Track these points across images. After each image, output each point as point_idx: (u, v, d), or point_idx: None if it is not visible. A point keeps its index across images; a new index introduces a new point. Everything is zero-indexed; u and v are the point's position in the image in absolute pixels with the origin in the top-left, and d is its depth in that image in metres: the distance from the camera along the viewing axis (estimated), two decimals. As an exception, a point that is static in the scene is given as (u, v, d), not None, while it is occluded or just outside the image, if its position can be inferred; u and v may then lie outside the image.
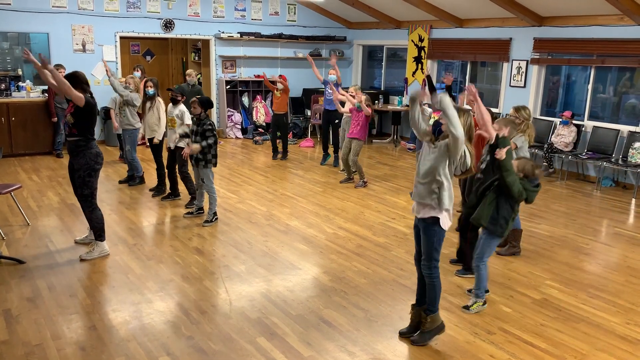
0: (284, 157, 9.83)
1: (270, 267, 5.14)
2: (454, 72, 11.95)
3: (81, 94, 4.82)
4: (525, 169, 4.23)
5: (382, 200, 7.43)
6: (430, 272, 3.78)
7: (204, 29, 11.51)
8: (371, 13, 11.66)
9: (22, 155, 9.58)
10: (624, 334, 4.07)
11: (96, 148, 5.07)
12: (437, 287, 3.81)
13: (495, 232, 4.23)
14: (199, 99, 6.13)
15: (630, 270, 5.28)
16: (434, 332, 3.86)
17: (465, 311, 4.32)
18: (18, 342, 3.76)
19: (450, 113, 3.42)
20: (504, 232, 4.24)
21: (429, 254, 3.76)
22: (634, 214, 7.23)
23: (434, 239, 3.72)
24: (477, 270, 4.36)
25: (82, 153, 4.98)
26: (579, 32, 8.87)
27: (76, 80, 4.89)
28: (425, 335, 3.84)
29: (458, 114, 3.53)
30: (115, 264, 5.11)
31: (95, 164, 5.03)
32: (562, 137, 8.83)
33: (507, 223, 4.21)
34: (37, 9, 9.78)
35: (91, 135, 5.03)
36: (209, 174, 6.22)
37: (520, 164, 4.26)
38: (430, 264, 3.77)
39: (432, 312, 3.84)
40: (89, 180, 5.04)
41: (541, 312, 4.37)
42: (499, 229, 4.20)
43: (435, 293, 3.82)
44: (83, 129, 4.96)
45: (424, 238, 3.76)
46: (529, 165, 4.25)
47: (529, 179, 4.22)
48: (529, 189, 4.17)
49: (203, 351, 3.70)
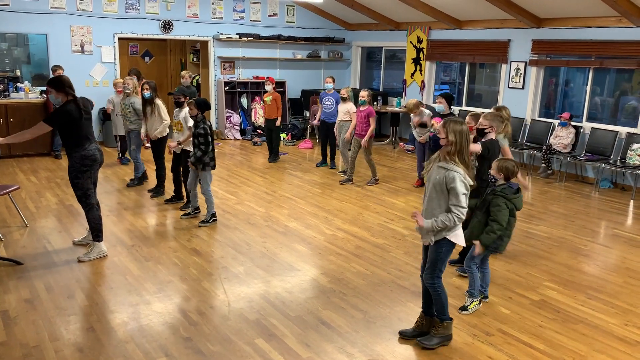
0: (273, 160, 9.78)
1: (268, 268, 5.13)
2: (453, 73, 11.97)
3: (41, 127, 4.84)
4: (507, 170, 4.23)
5: (380, 202, 7.43)
6: (433, 282, 3.74)
7: (202, 30, 11.51)
8: (370, 14, 11.67)
9: (20, 156, 9.57)
10: (623, 335, 4.07)
11: (83, 151, 5.00)
12: (442, 296, 3.78)
13: (492, 250, 4.29)
14: (196, 101, 6.13)
15: (629, 272, 5.28)
16: (443, 339, 3.83)
17: (463, 312, 4.32)
18: (16, 343, 3.75)
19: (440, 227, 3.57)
20: (497, 247, 4.28)
21: (434, 263, 3.71)
22: (632, 215, 7.24)
23: (442, 249, 3.68)
24: (470, 270, 4.37)
25: (70, 155, 5.03)
26: (577, 34, 8.88)
27: (59, 84, 4.91)
28: (433, 339, 3.82)
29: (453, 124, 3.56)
30: (113, 265, 5.11)
31: (81, 166, 5.02)
32: (561, 138, 8.84)
33: (501, 239, 4.24)
34: (35, 9, 9.77)
35: (74, 142, 4.98)
36: (206, 177, 6.21)
37: (500, 165, 4.26)
38: (433, 273, 3.72)
39: (444, 319, 3.82)
40: (77, 182, 5.06)
41: (540, 313, 4.37)
42: (493, 245, 4.24)
43: (442, 302, 3.79)
44: (63, 138, 5.01)
45: (432, 247, 3.71)
46: (510, 164, 4.25)
47: (509, 182, 4.23)
48: (511, 198, 4.18)
49: (201, 352, 3.69)
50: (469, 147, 3.62)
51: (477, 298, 4.39)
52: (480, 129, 4.93)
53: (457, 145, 3.52)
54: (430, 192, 3.65)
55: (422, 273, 3.92)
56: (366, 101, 8.03)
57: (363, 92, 8.07)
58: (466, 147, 3.56)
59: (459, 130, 3.53)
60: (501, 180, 4.26)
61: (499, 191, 4.21)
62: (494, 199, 4.21)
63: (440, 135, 3.59)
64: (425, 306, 3.95)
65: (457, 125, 3.55)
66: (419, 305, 4.43)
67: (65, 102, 4.89)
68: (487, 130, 4.91)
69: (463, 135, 3.53)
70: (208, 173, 6.22)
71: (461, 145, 3.53)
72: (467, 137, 3.58)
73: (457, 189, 3.49)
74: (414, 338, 3.91)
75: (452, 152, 3.54)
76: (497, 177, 4.28)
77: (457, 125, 3.54)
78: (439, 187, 3.56)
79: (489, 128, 4.90)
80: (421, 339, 3.85)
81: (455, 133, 3.52)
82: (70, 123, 4.90)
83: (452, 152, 3.54)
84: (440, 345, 3.81)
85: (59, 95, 4.91)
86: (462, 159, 3.55)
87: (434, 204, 3.61)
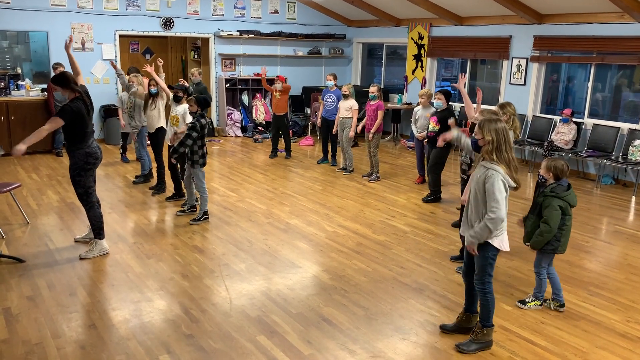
0: (288, 156, 9.87)
1: (270, 265, 5.13)
2: (454, 70, 11.94)
3: (56, 121, 4.79)
4: (556, 169, 4.16)
5: (381, 199, 7.42)
6: (484, 287, 3.72)
7: (203, 27, 11.50)
8: (371, 11, 11.65)
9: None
10: (624, 332, 4.07)
11: (87, 148, 5.02)
12: (490, 302, 3.75)
13: (547, 251, 4.25)
14: (197, 98, 6.13)
15: (631, 268, 5.28)
16: (483, 346, 3.78)
17: (520, 305, 4.36)
18: (18, 340, 3.76)
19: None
20: (556, 248, 4.22)
21: (482, 269, 3.69)
22: (634, 211, 7.23)
23: (488, 254, 3.65)
24: (538, 275, 4.38)
25: (72, 153, 5.02)
26: (579, 30, 8.85)
27: (65, 81, 4.90)
28: (473, 345, 3.77)
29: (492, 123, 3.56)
30: (115, 263, 5.11)
31: (84, 164, 5.02)
32: (562, 134, 8.83)
33: (558, 240, 4.19)
34: (36, 7, 9.77)
35: (79, 138, 4.99)
36: (198, 173, 6.20)
37: (549, 164, 4.18)
38: (483, 279, 3.71)
39: (487, 326, 3.79)
40: (79, 180, 5.05)
41: (541, 309, 4.37)
42: (549, 247, 4.21)
43: (489, 307, 3.76)
44: (68, 135, 5.00)
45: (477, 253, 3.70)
46: (559, 163, 4.18)
47: (559, 181, 4.16)
48: (563, 196, 4.11)
49: (203, 349, 3.70)
50: (507, 143, 3.57)
51: (541, 300, 4.38)
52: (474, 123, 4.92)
53: (495, 142, 3.52)
54: (473, 190, 3.65)
55: (463, 274, 3.93)
56: (376, 96, 8.12)
57: (372, 87, 8.18)
58: (504, 144, 3.54)
59: (494, 128, 3.53)
60: (551, 179, 4.19)
61: (549, 192, 4.14)
62: (545, 199, 4.14)
63: (478, 137, 3.59)
64: (467, 303, 3.96)
65: (493, 123, 3.55)
66: (420, 301, 4.45)
67: (73, 99, 4.90)
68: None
69: (499, 133, 3.53)
70: (199, 170, 6.19)
71: (499, 142, 3.52)
72: (505, 134, 3.55)
73: (493, 188, 3.47)
74: (454, 332, 3.94)
75: (490, 151, 3.53)
76: (547, 177, 4.21)
77: (493, 124, 3.55)
78: (480, 185, 3.57)
79: None
80: (460, 344, 3.80)
81: (491, 131, 3.53)
82: (78, 120, 4.91)
83: (490, 150, 3.53)
84: (478, 351, 3.75)
85: (66, 92, 4.92)
86: (501, 156, 3.53)
87: (479, 201, 3.61)
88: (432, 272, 5.05)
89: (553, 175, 4.19)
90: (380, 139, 8.35)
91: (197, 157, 6.11)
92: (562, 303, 4.37)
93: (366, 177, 8.48)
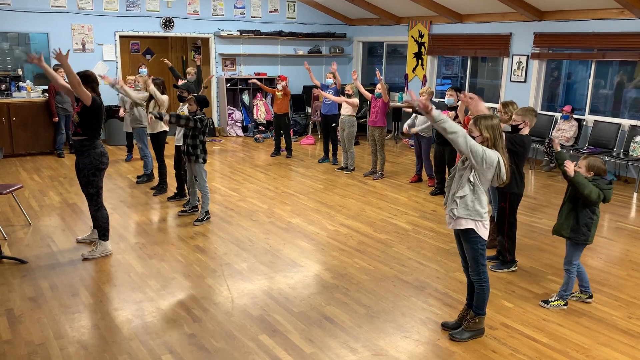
0: (289, 155, 9.89)
1: (272, 264, 5.14)
2: (454, 67, 11.93)
3: (89, 93, 4.85)
4: (597, 168, 4.17)
5: (383, 197, 7.42)
6: (480, 277, 3.77)
7: (203, 27, 11.51)
8: (371, 9, 11.65)
9: (23, 155, 9.59)
10: (626, 328, 4.07)
11: (101, 148, 5.09)
12: (486, 291, 3.81)
13: (579, 241, 4.25)
14: (196, 97, 6.14)
15: (632, 265, 5.28)
16: (475, 333, 3.85)
17: (543, 304, 4.36)
18: (21, 341, 3.77)
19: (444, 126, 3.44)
20: (587, 238, 4.23)
21: (475, 260, 3.75)
22: (635, 208, 7.22)
23: (477, 246, 3.70)
24: (568, 273, 4.37)
25: (87, 152, 5.00)
26: (579, 27, 8.84)
27: (87, 79, 4.94)
28: (465, 333, 3.84)
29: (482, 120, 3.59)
30: (117, 263, 5.12)
31: (99, 164, 5.04)
32: (563, 131, 8.82)
33: (589, 229, 4.20)
34: (36, 8, 9.78)
35: (96, 135, 5.05)
36: (201, 171, 6.20)
37: (590, 164, 4.19)
38: (478, 269, 3.76)
39: (480, 314, 3.85)
40: (93, 180, 5.06)
41: (543, 306, 4.37)
42: (581, 236, 4.21)
43: (484, 297, 3.82)
44: (88, 129, 4.98)
45: (466, 246, 3.76)
46: (599, 162, 4.19)
47: (601, 177, 4.17)
48: (604, 188, 4.12)
49: (205, 349, 3.71)
50: (502, 140, 3.64)
51: (565, 300, 4.38)
52: (513, 125, 4.87)
53: (492, 139, 3.59)
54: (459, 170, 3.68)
55: (463, 268, 3.96)
56: (382, 93, 8.14)
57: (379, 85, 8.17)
58: (500, 140, 3.62)
59: (490, 125, 3.59)
60: (591, 177, 4.20)
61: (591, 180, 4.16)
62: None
63: (474, 134, 3.61)
64: (470, 299, 3.98)
65: (489, 120, 3.61)
66: (421, 299, 4.45)
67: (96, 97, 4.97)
68: (520, 126, 4.83)
69: (495, 129, 3.60)
70: (202, 167, 6.18)
71: (495, 139, 3.59)
72: (500, 131, 3.62)
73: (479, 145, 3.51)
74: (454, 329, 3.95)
75: (489, 148, 3.58)
76: (587, 176, 4.21)
77: (488, 120, 3.61)
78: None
79: (522, 123, 4.81)
80: (453, 332, 3.87)
81: (488, 128, 3.58)
82: (99, 114, 4.99)
83: (488, 147, 3.58)
84: (471, 338, 3.83)
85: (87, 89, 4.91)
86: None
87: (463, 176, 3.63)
88: (434, 270, 5.06)
89: (594, 174, 4.21)
90: (384, 134, 8.36)
91: (199, 151, 6.12)
92: (590, 294, 4.45)
93: (368, 176, 8.49)
